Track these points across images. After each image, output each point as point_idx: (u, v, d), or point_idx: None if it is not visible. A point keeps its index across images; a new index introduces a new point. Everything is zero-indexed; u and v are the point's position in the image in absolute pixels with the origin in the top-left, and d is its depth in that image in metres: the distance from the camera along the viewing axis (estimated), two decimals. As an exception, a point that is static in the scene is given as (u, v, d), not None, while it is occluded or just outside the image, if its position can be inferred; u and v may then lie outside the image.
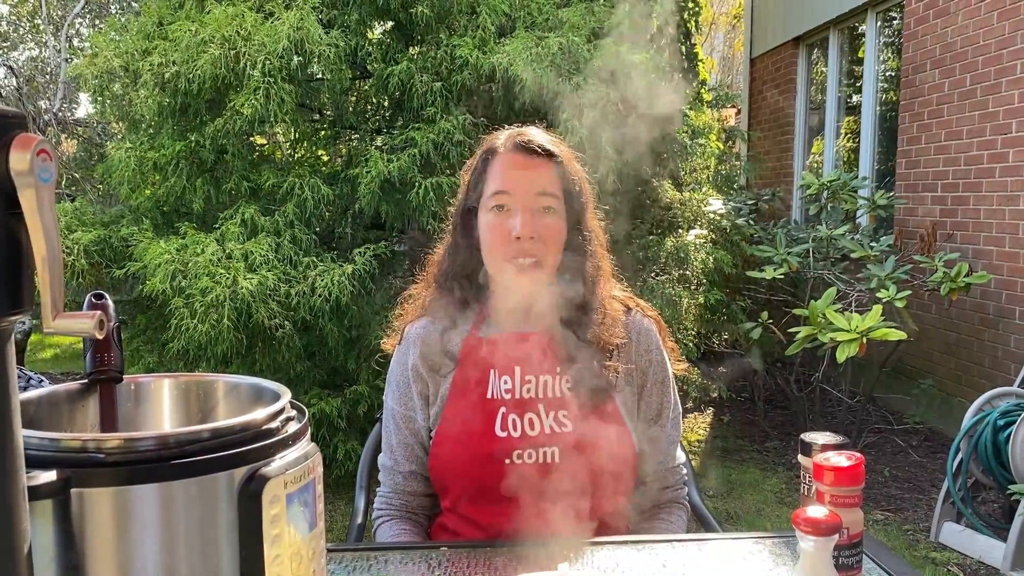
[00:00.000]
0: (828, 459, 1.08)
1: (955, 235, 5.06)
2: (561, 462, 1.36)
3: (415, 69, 3.92)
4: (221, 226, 3.68)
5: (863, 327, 4.11)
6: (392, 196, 3.83)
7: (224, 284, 3.31)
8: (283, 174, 3.93)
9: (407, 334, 1.50)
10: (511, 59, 3.65)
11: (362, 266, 3.59)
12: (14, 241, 0.62)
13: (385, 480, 1.48)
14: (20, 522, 0.65)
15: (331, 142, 4.38)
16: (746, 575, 1.13)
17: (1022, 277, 4.47)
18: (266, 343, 3.57)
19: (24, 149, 0.61)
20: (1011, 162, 4.57)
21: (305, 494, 0.83)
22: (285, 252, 3.66)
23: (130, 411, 0.92)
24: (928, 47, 5.47)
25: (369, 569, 1.15)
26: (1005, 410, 3.47)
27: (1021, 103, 4.49)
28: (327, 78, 3.94)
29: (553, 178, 1.41)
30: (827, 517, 1.00)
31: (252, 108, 3.59)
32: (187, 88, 3.76)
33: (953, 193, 5.15)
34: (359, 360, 3.86)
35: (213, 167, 3.98)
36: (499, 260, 1.39)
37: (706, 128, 5.62)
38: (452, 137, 3.72)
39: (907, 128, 5.73)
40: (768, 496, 4.23)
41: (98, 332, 0.65)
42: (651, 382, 1.47)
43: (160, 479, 0.74)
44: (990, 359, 4.77)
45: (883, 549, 1.16)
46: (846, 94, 7.13)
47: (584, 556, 1.19)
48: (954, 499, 3.53)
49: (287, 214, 3.76)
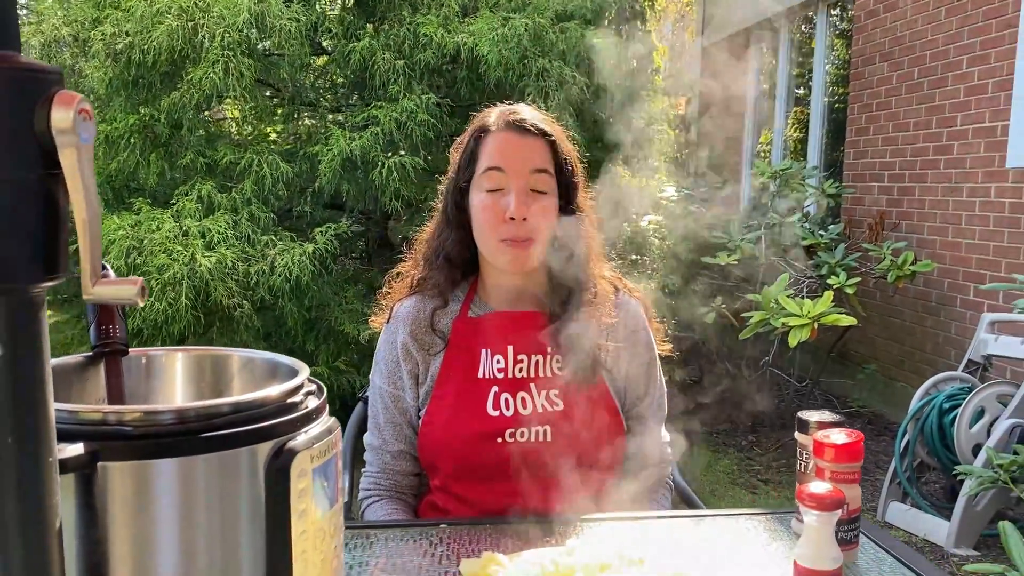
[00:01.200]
0: (828, 436, 1.10)
1: (901, 224, 5.20)
2: (553, 441, 1.36)
3: (377, 46, 3.86)
4: (177, 203, 3.59)
5: (815, 312, 4.21)
6: (353, 175, 3.78)
7: (182, 262, 3.23)
8: (240, 150, 3.84)
9: (396, 313, 1.48)
10: (476, 39, 3.62)
11: (323, 245, 3.54)
12: (53, 203, 0.59)
13: (372, 460, 1.47)
14: (52, 496, 0.62)
15: (289, 119, 4.29)
16: (744, 550, 1.15)
17: (964, 266, 4.63)
18: (224, 322, 3.50)
19: (67, 106, 0.58)
20: (956, 154, 4.72)
21: (328, 468, 0.82)
22: (243, 230, 3.59)
23: (141, 385, 0.89)
24: (877, 40, 5.59)
25: (371, 547, 1.14)
26: (950, 394, 3.59)
27: (967, 97, 4.62)
28: (287, 53, 3.86)
29: (546, 156, 1.41)
30: (831, 492, 1.02)
31: (210, 82, 3.49)
32: (141, 60, 3.65)
33: (899, 183, 5.29)
34: (318, 341, 3.81)
35: (168, 142, 3.87)
36: (491, 239, 1.38)
37: (661, 115, 5.67)
38: (415, 116, 3.68)
39: (855, 119, 5.87)
40: (720, 477, 4.31)
41: (140, 299, 0.62)
42: (639, 362, 1.49)
43: (188, 452, 0.73)
44: (932, 345, 4.93)
45: (874, 526, 1.19)
46: (796, 85, 7.26)
47: (582, 533, 1.20)
48: (900, 480, 3.65)
49: (245, 191, 3.68)
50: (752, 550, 1.15)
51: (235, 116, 4.77)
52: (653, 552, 1.02)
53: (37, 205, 0.59)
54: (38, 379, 0.60)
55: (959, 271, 4.67)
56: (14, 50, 0.58)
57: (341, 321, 3.74)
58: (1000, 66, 4.31)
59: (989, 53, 4.43)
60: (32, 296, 0.59)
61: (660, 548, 1.14)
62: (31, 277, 0.58)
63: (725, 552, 1.15)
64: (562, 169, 1.43)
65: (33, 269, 0.58)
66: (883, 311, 5.42)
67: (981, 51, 4.50)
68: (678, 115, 7.68)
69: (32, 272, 0.58)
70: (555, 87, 3.58)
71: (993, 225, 4.36)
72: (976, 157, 4.52)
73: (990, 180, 4.40)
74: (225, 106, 4.69)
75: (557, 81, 3.60)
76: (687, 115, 8.48)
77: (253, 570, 0.76)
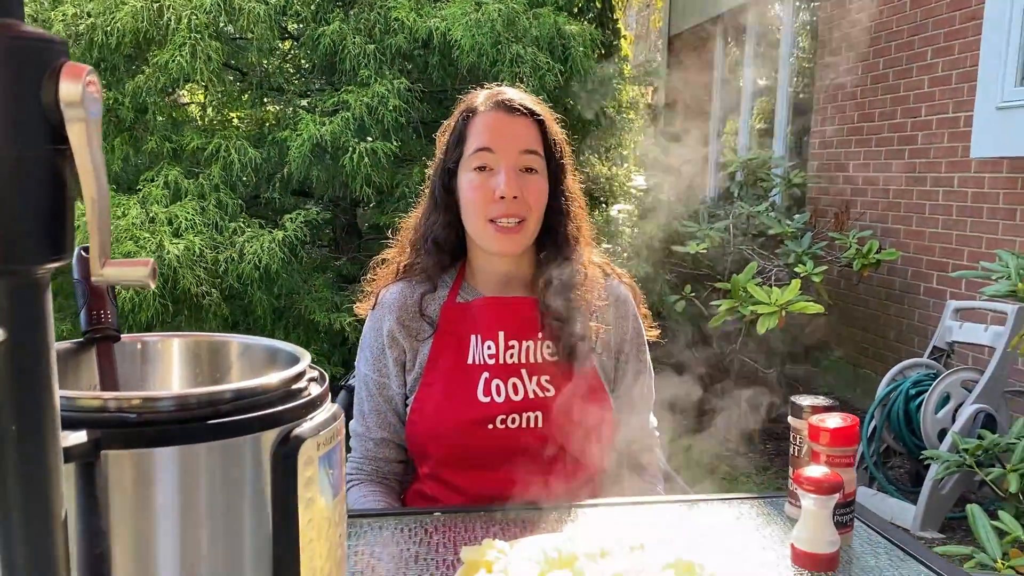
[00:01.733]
0: (824, 420, 1.10)
1: (866, 214, 5.27)
2: (544, 426, 1.36)
3: (347, 30, 3.81)
4: (143, 188, 3.51)
5: (783, 300, 4.26)
6: (323, 161, 3.72)
7: (149, 249, 3.16)
8: (207, 135, 3.77)
9: (382, 299, 1.46)
10: (449, 23, 3.59)
11: (293, 232, 3.49)
12: (59, 180, 0.57)
13: (356, 446, 1.45)
14: (57, 486, 0.60)
15: (256, 103, 4.22)
16: (740, 534, 1.16)
17: (927, 255, 4.71)
18: (192, 311, 3.44)
19: (76, 78, 0.55)
20: (919, 144, 4.79)
21: (333, 456, 0.80)
22: (210, 216, 3.52)
23: (136, 371, 0.86)
24: (843, 31, 5.66)
25: (364, 535, 1.12)
26: (916, 380, 3.66)
27: (931, 88, 4.69)
28: (255, 37, 3.79)
29: (536, 136, 1.40)
30: (828, 476, 1.02)
31: (178, 65, 3.42)
32: (104, 42, 3.55)
33: (864, 173, 5.37)
34: (287, 330, 3.76)
35: (132, 126, 3.78)
36: (481, 220, 1.37)
37: (631, 104, 5.68)
38: (387, 102, 3.64)
39: (821, 109, 5.93)
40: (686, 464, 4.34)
41: (151, 280, 0.60)
42: (628, 348, 1.49)
43: (193, 440, 0.70)
44: (895, 332, 5.02)
45: (865, 509, 1.21)
46: (761, 75, 7.31)
47: (578, 519, 1.19)
48: (867, 465, 3.71)
49: (212, 177, 3.61)
50: (748, 534, 1.16)
51: (197, 100, 4.68)
52: (651, 538, 1.01)
53: (43, 183, 0.56)
54: (42, 364, 0.58)
55: (923, 259, 4.75)
56: (17, 18, 0.56)
57: (311, 309, 3.69)
58: (964, 57, 4.38)
59: (953, 44, 4.49)
60: (37, 278, 0.56)
61: (657, 533, 1.14)
62: (36, 258, 0.56)
63: (721, 536, 1.15)
64: (551, 150, 1.42)
65: (38, 250, 0.56)
66: (848, 299, 5.50)
67: (945, 42, 4.57)
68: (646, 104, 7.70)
69: (37, 253, 0.56)
70: (529, 73, 3.56)
71: (956, 214, 4.44)
72: (940, 147, 4.60)
73: (953, 170, 4.47)
74: (185, 91, 4.59)
75: (531, 67, 3.58)
76: (655, 104, 8.51)
77: (258, 559, 0.75)
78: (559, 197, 1.43)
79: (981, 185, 4.24)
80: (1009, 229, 4.02)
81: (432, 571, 1.02)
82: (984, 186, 4.22)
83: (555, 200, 1.42)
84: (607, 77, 4.31)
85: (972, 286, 4.12)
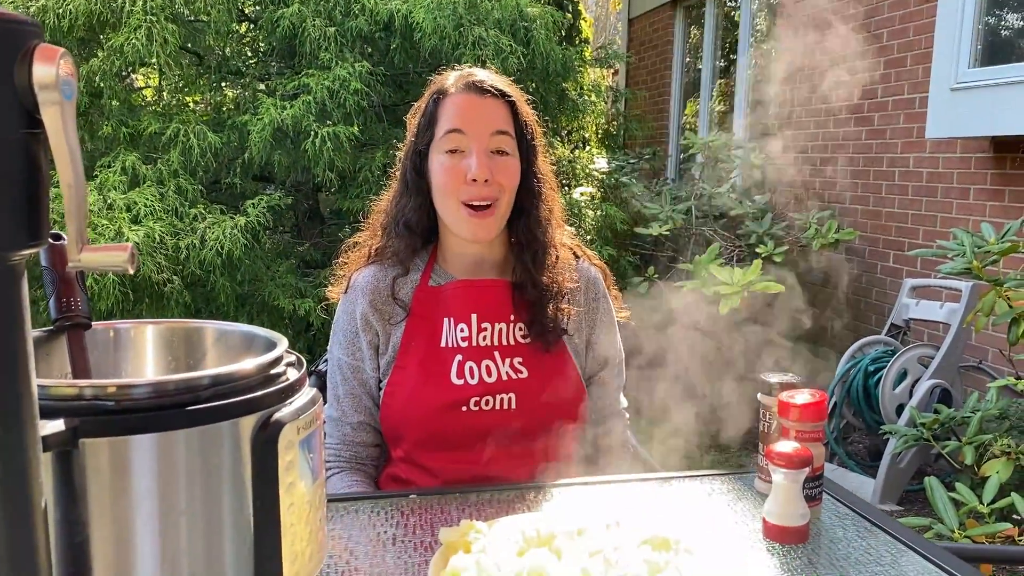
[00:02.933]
0: (793, 396, 1.13)
1: (824, 194, 5.35)
2: (518, 408, 1.36)
3: (307, 12, 3.76)
4: (99, 175, 3.44)
5: (745, 280, 4.31)
6: (284, 145, 3.68)
7: (107, 236, 3.10)
8: (165, 120, 3.70)
9: (354, 282, 1.45)
10: (411, 6, 3.56)
11: (255, 218, 3.45)
12: (34, 165, 0.56)
13: (332, 432, 1.44)
14: (36, 475, 0.59)
15: (215, 87, 4.15)
16: (712, 510, 1.18)
17: (884, 234, 4.80)
18: (153, 299, 3.38)
19: (48, 61, 0.55)
20: (876, 125, 4.87)
21: (312, 440, 0.80)
22: (170, 203, 3.46)
23: (108, 359, 0.85)
24: (801, 12, 5.71)
25: (340, 519, 1.12)
26: (875, 356, 3.74)
27: (887, 70, 4.77)
28: (212, 19, 3.72)
29: (507, 118, 1.39)
30: (798, 451, 1.05)
31: (133, 48, 3.34)
32: (56, 25, 3.47)
33: (822, 155, 5.44)
34: (251, 316, 3.72)
35: (87, 111, 3.70)
36: (452, 202, 1.36)
37: (593, 87, 5.69)
38: (348, 85, 3.60)
39: (780, 91, 5.99)
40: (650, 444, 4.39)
41: (130, 266, 0.59)
42: (599, 329, 1.50)
43: (171, 427, 0.70)
44: (853, 311, 5.11)
45: (832, 484, 1.23)
46: (721, 57, 7.36)
47: (553, 499, 1.20)
48: (828, 440, 3.79)
49: (171, 162, 3.55)
50: (720, 510, 1.18)
51: (154, 84, 4.59)
52: (626, 515, 1.03)
53: (17, 167, 0.55)
54: (19, 352, 0.57)
55: (880, 239, 4.84)
56: (-14, 0, 0.55)
57: (275, 295, 3.66)
58: (919, 39, 4.46)
59: (908, 27, 4.57)
60: (12, 264, 0.55)
61: (633, 511, 1.16)
62: (11, 244, 0.55)
63: (695, 513, 1.17)
64: (522, 131, 1.42)
65: (13, 235, 0.55)
66: (807, 279, 5.59)
67: (900, 24, 4.64)
68: (607, 87, 7.72)
69: (12, 238, 0.55)
70: (491, 56, 3.55)
71: (912, 194, 4.52)
72: (896, 128, 4.68)
73: (909, 151, 4.56)
74: (141, 75, 4.50)
75: (494, 50, 3.56)
76: (616, 86, 8.53)
77: (239, 544, 0.75)
78: (531, 178, 1.43)
79: (936, 165, 4.33)
80: (963, 208, 4.11)
81: (411, 553, 1.03)
82: (939, 166, 4.31)
83: (527, 181, 1.42)
84: (568, 59, 4.30)
85: (928, 264, 4.22)
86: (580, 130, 5.66)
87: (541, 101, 4.28)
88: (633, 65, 8.77)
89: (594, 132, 6.10)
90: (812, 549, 1.05)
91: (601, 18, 18.00)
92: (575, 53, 5.47)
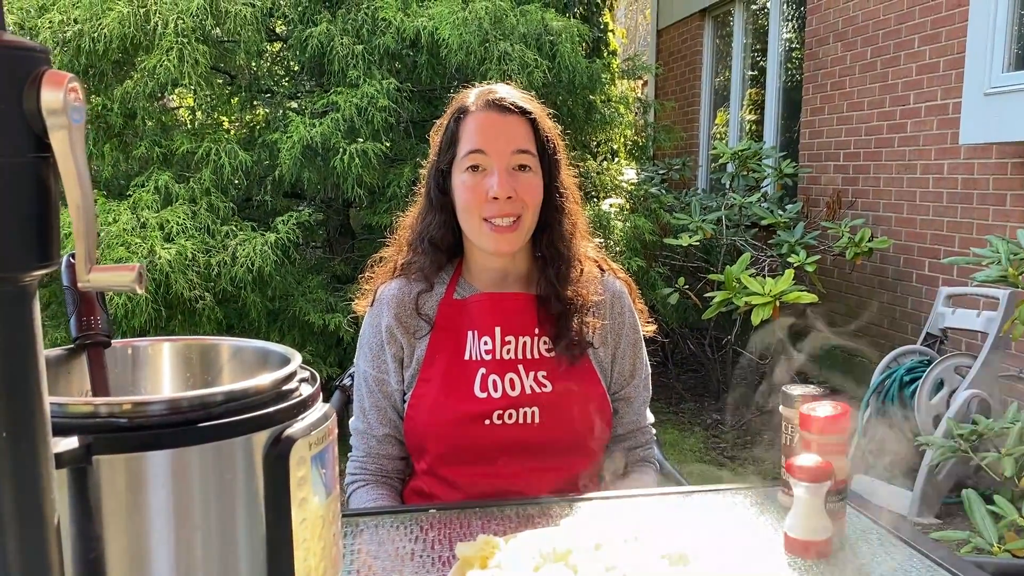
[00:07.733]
0: (814, 409, 1.11)
1: (856, 202, 5.29)
2: (541, 422, 1.36)
3: (335, 31, 3.81)
4: (133, 194, 3.50)
5: (776, 291, 4.27)
6: (314, 162, 3.72)
7: (140, 254, 3.16)
8: (197, 139, 3.76)
9: (380, 296, 1.46)
10: (436, 22, 3.59)
11: (286, 235, 3.49)
12: (43, 188, 0.57)
13: (358, 444, 1.45)
14: (50, 492, 0.60)
15: (246, 107, 4.22)
16: (734, 524, 1.16)
17: (919, 242, 4.72)
18: (186, 315, 3.43)
19: (56, 86, 0.56)
20: (909, 132, 4.80)
21: (325, 456, 0.81)
22: (202, 220, 3.52)
23: (127, 377, 0.87)
24: (831, 20, 5.66)
25: (360, 534, 1.12)
26: (910, 367, 3.67)
27: (919, 76, 4.71)
28: (242, 39, 3.79)
29: (528, 135, 1.40)
30: (819, 464, 1.03)
31: (165, 70, 3.41)
32: (91, 48, 3.55)
33: (855, 162, 5.38)
34: (282, 332, 3.76)
35: (121, 132, 3.78)
36: (476, 220, 1.37)
37: (621, 98, 5.68)
38: (376, 102, 3.64)
39: (810, 99, 5.94)
40: (688, 455, 4.36)
41: (139, 286, 0.60)
42: (625, 343, 1.49)
43: (184, 443, 0.71)
44: (889, 320, 5.03)
45: (859, 497, 1.21)
46: (750, 66, 7.32)
47: (573, 514, 1.20)
48: (864, 452, 3.72)
49: (203, 181, 3.61)
50: (742, 524, 1.16)
51: (187, 104, 4.68)
52: (647, 530, 1.02)
53: (28, 190, 0.56)
54: (32, 371, 0.58)
55: (914, 247, 4.76)
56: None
57: (305, 311, 3.69)
58: (951, 44, 4.39)
59: (940, 32, 4.51)
60: (24, 285, 0.57)
61: (652, 525, 1.15)
62: (23, 265, 0.56)
63: (716, 527, 1.16)
64: (544, 147, 1.42)
65: (25, 257, 0.56)
66: (841, 288, 5.52)
67: (932, 30, 4.58)
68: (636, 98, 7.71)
69: (24, 260, 0.56)
70: (517, 71, 3.56)
71: (946, 201, 4.45)
72: (929, 135, 4.61)
73: (943, 157, 4.49)
74: (174, 96, 4.59)
75: (519, 65, 3.58)
76: (644, 97, 8.51)
77: (253, 560, 0.75)
78: (554, 193, 1.43)
79: (971, 171, 4.26)
80: (999, 215, 4.04)
81: (428, 568, 1.03)
82: (974, 172, 4.23)
83: (550, 196, 1.43)
84: (595, 71, 4.31)
85: (964, 272, 4.14)
86: (608, 142, 5.64)
87: (568, 114, 4.29)
88: (662, 76, 8.76)
89: (622, 144, 6.08)
90: (835, 564, 1.04)
91: (632, 29, 18.00)
92: (602, 65, 5.48)
